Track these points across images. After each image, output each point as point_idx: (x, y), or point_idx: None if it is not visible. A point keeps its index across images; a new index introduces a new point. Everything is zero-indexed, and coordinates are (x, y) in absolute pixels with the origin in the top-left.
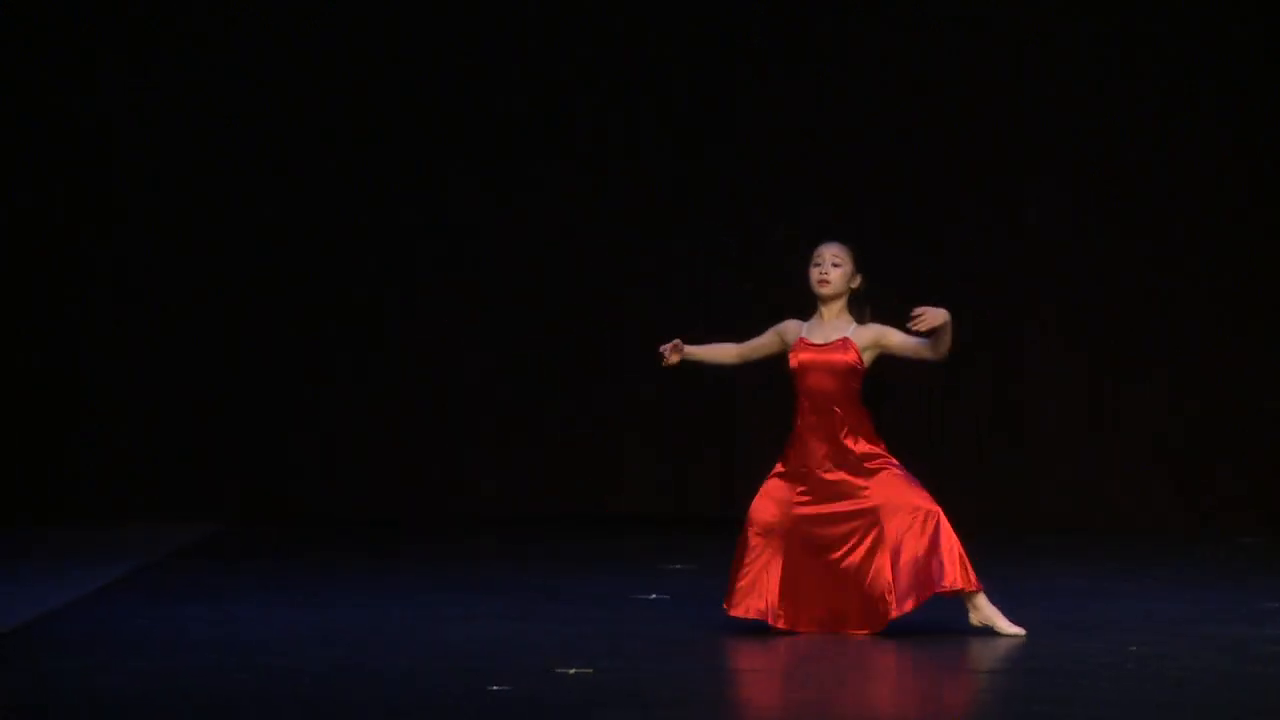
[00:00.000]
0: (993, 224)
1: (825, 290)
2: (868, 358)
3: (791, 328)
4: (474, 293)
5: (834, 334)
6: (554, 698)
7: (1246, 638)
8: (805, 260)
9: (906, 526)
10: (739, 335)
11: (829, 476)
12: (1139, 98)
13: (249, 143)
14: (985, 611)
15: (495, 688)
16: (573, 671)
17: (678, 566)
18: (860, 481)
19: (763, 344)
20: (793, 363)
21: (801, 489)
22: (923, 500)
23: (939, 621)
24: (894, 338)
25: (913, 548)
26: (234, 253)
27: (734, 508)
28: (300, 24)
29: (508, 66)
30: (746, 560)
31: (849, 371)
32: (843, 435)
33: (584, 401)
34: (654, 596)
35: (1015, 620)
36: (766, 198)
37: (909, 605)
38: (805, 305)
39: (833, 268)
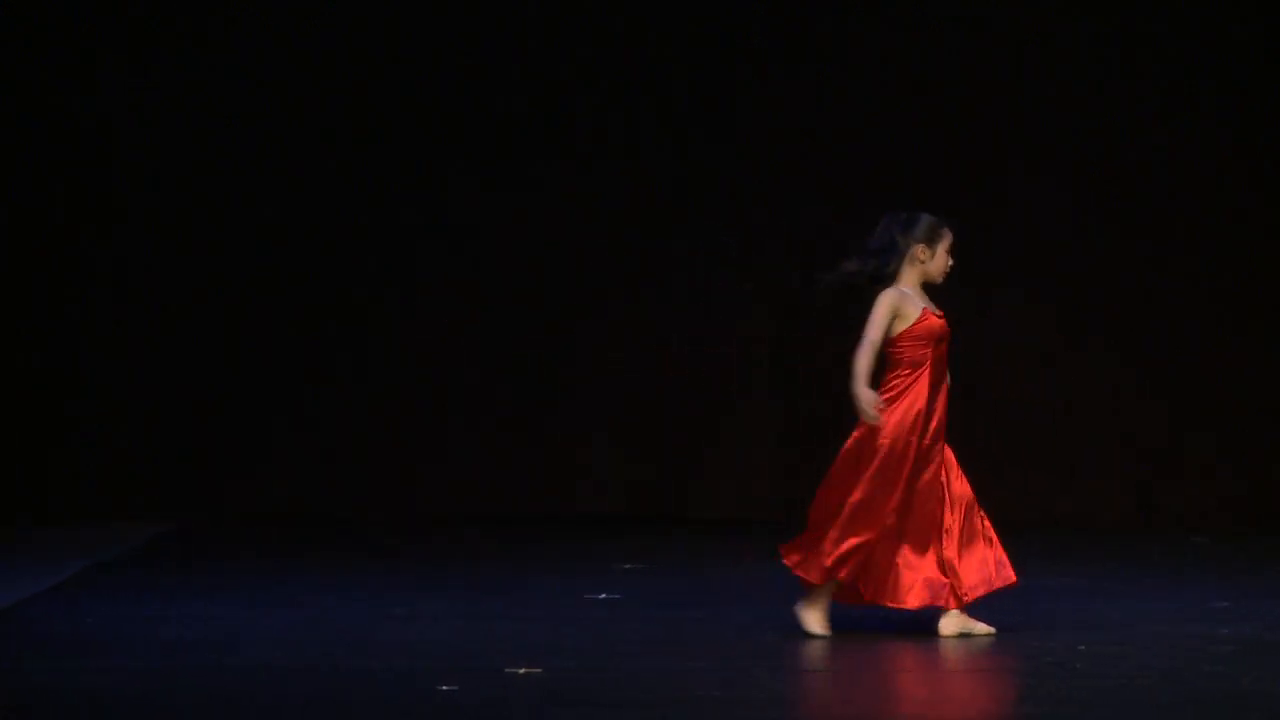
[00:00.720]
0: (993, 224)
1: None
2: None
3: (903, 297)
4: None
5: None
6: (506, 697)
7: (1198, 637)
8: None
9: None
10: (741, 335)
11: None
12: (1139, 98)
13: (249, 143)
14: (959, 620)
15: (445, 687)
16: (523, 671)
17: (627, 566)
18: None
19: (887, 324)
20: (936, 328)
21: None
22: None
23: (891, 622)
24: None
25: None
26: (234, 253)
27: (721, 509)
28: (300, 24)
29: (508, 66)
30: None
31: None
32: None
33: (579, 401)
34: (604, 596)
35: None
36: (766, 198)
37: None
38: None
39: None
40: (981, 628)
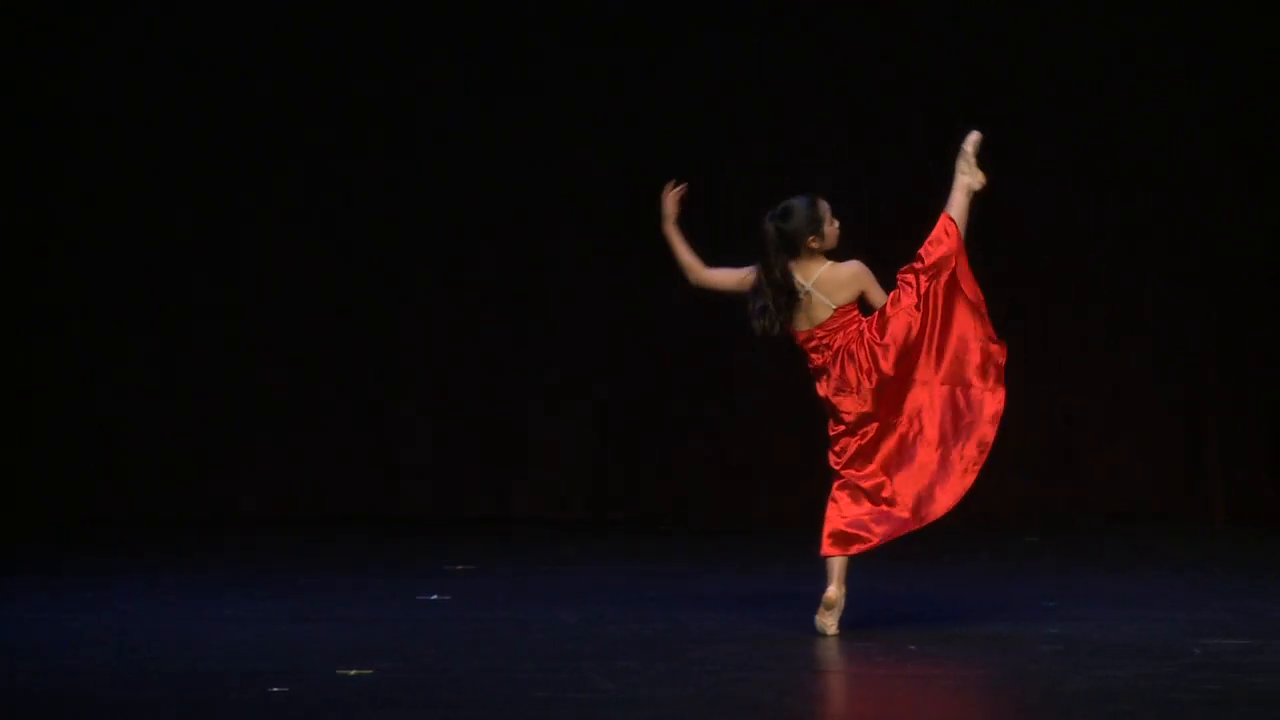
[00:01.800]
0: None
1: None
2: None
3: None
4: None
5: None
6: (337, 699)
7: (1025, 636)
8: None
9: None
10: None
11: None
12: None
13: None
14: (835, 612)
15: (276, 689)
16: (354, 672)
17: (459, 567)
18: None
19: None
20: None
21: None
22: None
23: (730, 621)
24: None
25: None
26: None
27: (547, 509)
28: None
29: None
30: None
31: None
32: None
33: (404, 401)
34: (435, 597)
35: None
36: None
37: None
38: None
39: None
40: (832, 627)
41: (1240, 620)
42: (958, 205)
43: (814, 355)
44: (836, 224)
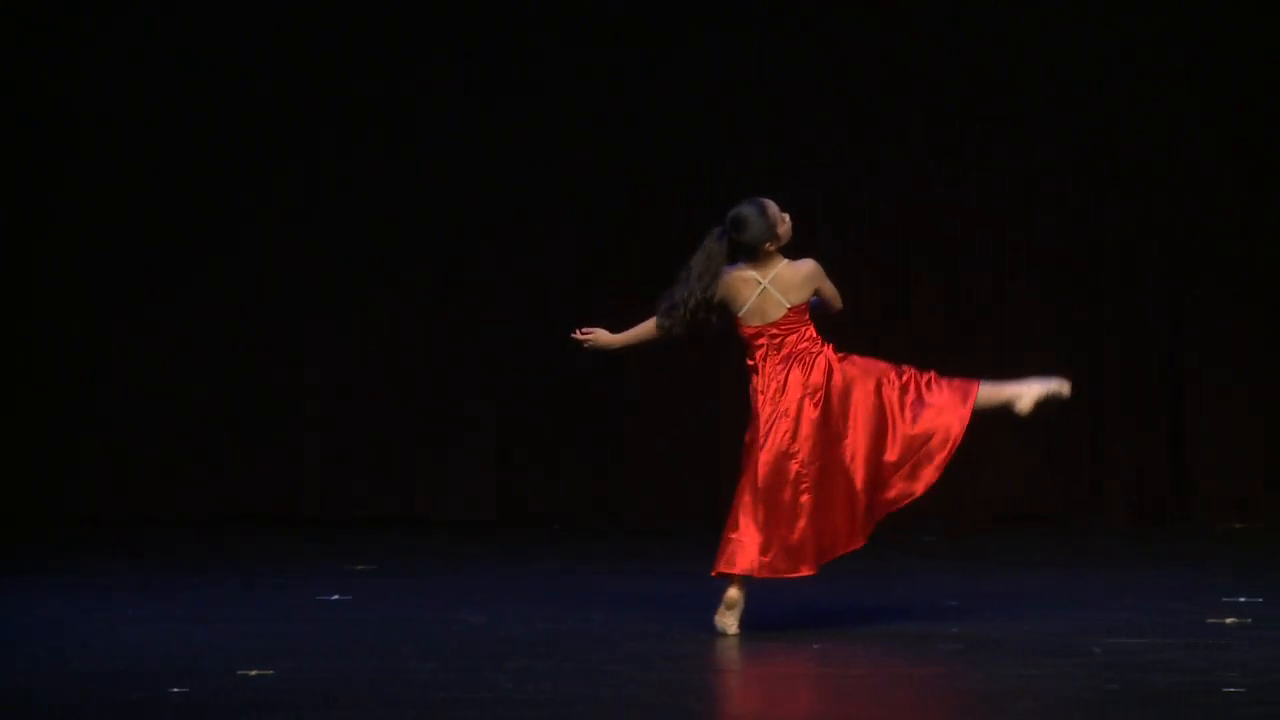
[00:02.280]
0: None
1: None
2: None
3: None
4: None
5: None
6: (238, 699)
7: (928, 635)
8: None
9: None
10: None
11: None
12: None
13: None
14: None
15: (176, 689)
16: (255, 673)
17: (360, 567)
18: None
19: None
20: None
21: None
22: None
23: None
24: None
25: None
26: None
27: (453, 511)
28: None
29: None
30: None
31: None
32: None
33: (301, 402)
34: (335, 597)
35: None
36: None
37: None
38: None
39: None
40: (732, 627)
41: (1144, 619)
42: (995, 389)
43: (759, 353)
44: (788, 218)
